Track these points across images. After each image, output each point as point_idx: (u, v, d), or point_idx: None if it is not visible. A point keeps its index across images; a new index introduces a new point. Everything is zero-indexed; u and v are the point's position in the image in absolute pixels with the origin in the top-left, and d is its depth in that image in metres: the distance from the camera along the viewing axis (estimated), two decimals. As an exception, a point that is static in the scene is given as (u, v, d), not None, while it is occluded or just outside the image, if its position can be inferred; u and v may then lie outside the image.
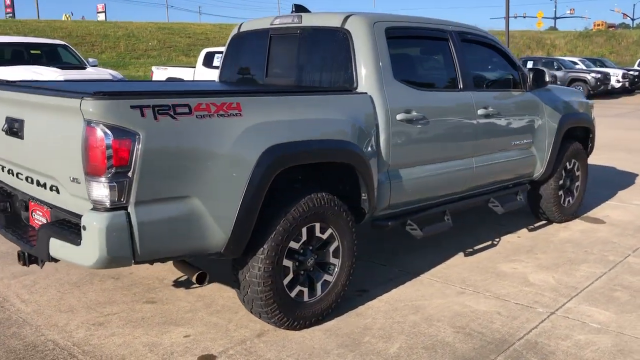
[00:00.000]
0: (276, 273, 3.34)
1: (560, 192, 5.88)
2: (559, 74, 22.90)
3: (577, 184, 6.12)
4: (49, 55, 11.77)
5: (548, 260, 4.85)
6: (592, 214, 6.36)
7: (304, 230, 3.47)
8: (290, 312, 3.46)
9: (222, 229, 3.10)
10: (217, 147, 3.04)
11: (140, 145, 2.76)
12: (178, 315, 3.76)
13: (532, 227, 5.84)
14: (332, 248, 3.68)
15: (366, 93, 3.86)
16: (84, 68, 11.68)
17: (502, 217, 5.91)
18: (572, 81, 23.27)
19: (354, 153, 3.64)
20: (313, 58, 4.26)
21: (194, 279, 3.41)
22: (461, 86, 4.57)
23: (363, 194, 3.82)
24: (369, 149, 3.81)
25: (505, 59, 5.22)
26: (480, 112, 4.64)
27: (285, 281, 3.43)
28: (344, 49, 3.98)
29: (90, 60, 12.84)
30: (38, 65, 10.87)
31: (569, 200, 6.03)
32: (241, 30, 4.87)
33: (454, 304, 3.97)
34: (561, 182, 5.84)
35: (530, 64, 23.27)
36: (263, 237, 3.28)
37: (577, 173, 6.10)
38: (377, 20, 4.05)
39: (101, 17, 50.42)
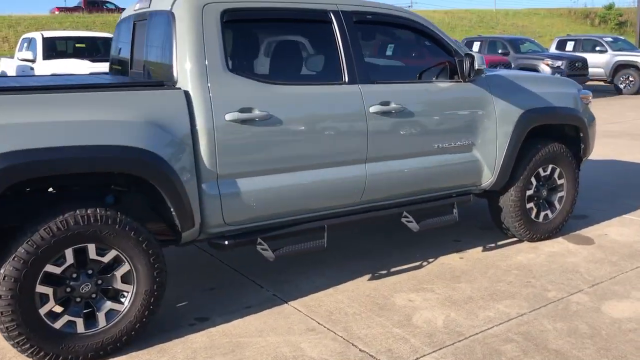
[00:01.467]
0: (26, 300, 2.88)
1: (530, 205, 4.79)
2: (602, 57, 18.38)
3: (559, 194, 4.97)
4: None
5: (466, 292, 3.91)
6: (587, 230, 5.16)
7: (69, 252, 2.97)
8: (51, 344, 2.98)
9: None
10: None
11: None
12: None
13: (491, 245, 4.82)
14: (119, 273, 3.14)
15: (180, 89, 3.25)
16: None
17: (464, 232, 5.02)
18: (619, 68, 18.22)
19: (144, 162, 3.06)
20: (150, 48, 3.72)
21: None
22: (346, 79, 3.77)
23: (172, 210, 3.22)
24: (182, 156, 3.20)
25: (436, 44, 4.28)
26: (373, 109, 3.80)
27: (43, 310, 2.96)
28: (168, 36, 3.40)
29: None
30: None
31: (545, 215, 4.91)
32: (122, 16, 4.43)
33: (285, 345, 3.26)
34: (530, 192, 4.75)
35: (570, 45, 19.63)
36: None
37: (560, 181, 4.94)
38: (209, 2, 3.40)
39: None
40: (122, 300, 3.18)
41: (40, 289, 2.93)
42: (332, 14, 3.78)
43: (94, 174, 3.06)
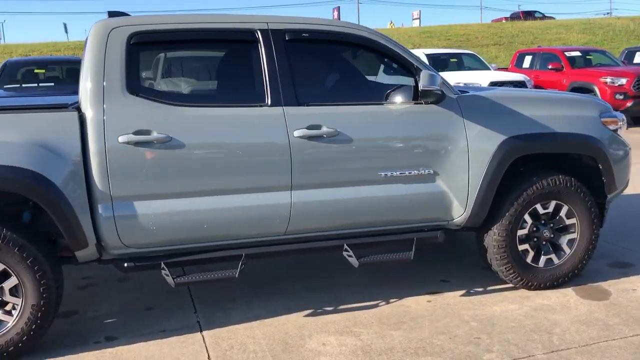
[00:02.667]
0: None
1: (524, 247, 4.09)
2: None
3: (569, 236, 4.17)
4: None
5: (393, 342, 3.44)
6: (613, 282, 4.27)
7: (-39, 264, 3.18)
8: (-63, 349, 3.21)
9: None
10: None
11: None
12: None
13: (477, 290, 4.20)
14: (7, 285, 3.28)
15: (73, 111, 3.32)
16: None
17: (459, 272, 4.51)
18: None
19: (26, 182, 3.17)
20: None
21: None
22: (269, 101, 3.56)
23: (60, 229, 3.30)
24: (71, 177, 3.26)
25: (396, 62, 3.86)
26: (298, 133, 3.54)
27: None
28: (83, 61, 3.50)
29: (493, 65, 14.81)
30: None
31: (549, 260, 4.15)
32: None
33: (154, 377, 3.15)
34: (523, 231, 4.06)
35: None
36: None
37: (569, 221, 4.15)
38: (119, 25, 3.43)
39: (416, 23, 50.74)
40: (13, 312, 3.32)
41: None
42: (259, 33, 3.60)
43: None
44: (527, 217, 4.05)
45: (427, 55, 13.52)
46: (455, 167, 3.85)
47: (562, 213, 4.13)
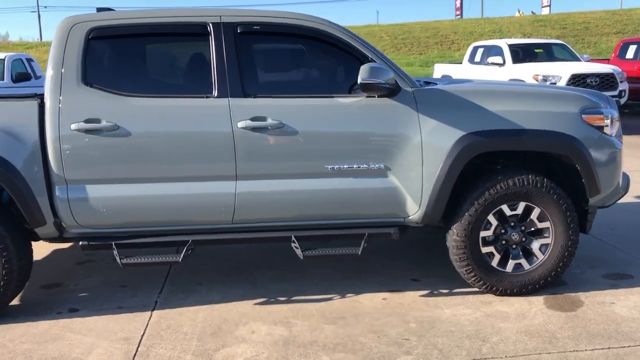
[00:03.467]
0: None
1: (489, 249, 3.88)
2: None
3: (542, 241, 3.89)
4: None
5: (320, 336, 3.43)
6: (593, 294, 3.93)
7: None
8: None
9: None
10: None
11: None
12: None
13: (442, 292, 4.05)
14: (-24, 256, 3.68)
15: (33, 100, 3.64)
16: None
17: (434, 272, 4.38)
18: None
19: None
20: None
21: None
22: (215, 92, 3.66)
23: (19, 208, 3.64)
24: (30, 161, 3.58)
25: (352, 55, 3.79)
26: (241, 124, 3.62)
27: None
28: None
29: (585, 56, 14.09)
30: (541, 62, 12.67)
31: (517, 265, 3.90)
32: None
33: (86, 346, 3.39)
34: (487, 233, 3.85)
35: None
36: None
37: (541, 225, 3.86)
38: (81, 21, 3.70)
39: (545, 11, 48.09)
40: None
41: None
42: (210, 26, 3.71)
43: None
44: (491, 218, 3.83)
45: (510, 46, 12.88)
46: (408, 163, 3.73)
47: (534, 216, 3.86)
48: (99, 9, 4.02)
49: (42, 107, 3.63)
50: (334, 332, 3.50)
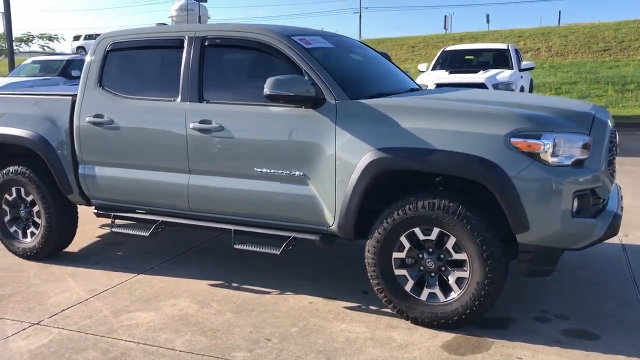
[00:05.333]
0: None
1: (402, 272, 3.68)
2: None
3: (460, 274, 3.52)
4: None
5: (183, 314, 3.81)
6: (510, 345, 3.41)
7: None
8: None
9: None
10: None
11: None
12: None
13: (371, 307, 3.96)
14: (35, 210, 5.00)
15: (69, 97, 4.75)
16: None
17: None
18: None
19: (35, 142, 4.78)
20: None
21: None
22: (179, 97, 4.27)
23: (55, 177, 4.82)
24: (63, 142, 4.73)
25: (294, 68, 3.97)
26: (192, 125, 4.17)
27: None
28: None
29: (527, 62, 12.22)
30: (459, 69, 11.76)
31: (432, 294, 3.63)
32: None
33: None
34: (400, 255, 3.66)
35: None
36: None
37: (457, 256, 3.50)
38: (107, 37, 4.70)
39: None
40: (35, 232, 5.03)
41: None
42: (186, 40, 4.33)
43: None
44: (404, 239, 3.64)
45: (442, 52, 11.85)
46: (324, 174, 3.79)
47: (449, 245, 3.53)
48: (158, 25, 4.98)
49: (73, 102, 4.73)
50: (227, 319, 3.83)
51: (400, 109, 3.68)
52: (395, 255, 3.69)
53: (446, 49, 12.77)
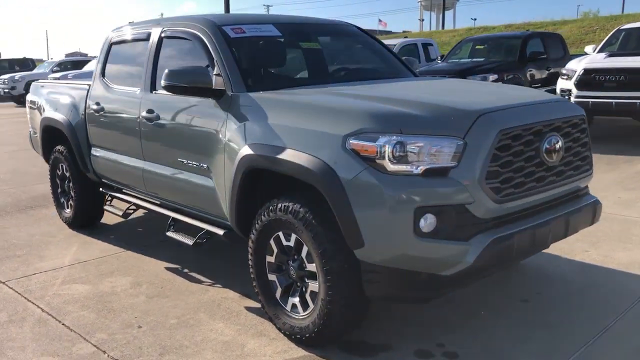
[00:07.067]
0: None
1: (273, 277, 3.44)
2: None
3: (313, 287, 3.16)
4: None
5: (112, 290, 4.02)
6: (351, 376, 2.96)
7: None
8: None
9: None
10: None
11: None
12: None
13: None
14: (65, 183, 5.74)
15: (87, 86, 5.33)
16: None
17: None
18: None
19: (64, 126, 5.46)
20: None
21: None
22: (142, 87, 4.51)
23: (76, 157, 5.46)
24: (82, 126, 5.36)
25: (208, 58, 3.91)
26: (142, 114, 4.39)
27: None
28: None
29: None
30: None
31: (294, 306, 3.33)
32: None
33: None
34: (271, 259, 3.42)
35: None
36: None
37: (310, 267, 3.14)
38: (113, 30, 5.17)
39: None
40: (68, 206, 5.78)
41: None
42: (153, 34, 4.55)
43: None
44: (272, 243, 3.39)
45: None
46: (217, 167, 3.70)
47: (303, 253, 3.19)
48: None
49: (89, 91, 5.30)
50: (136, 302, 4.00)
51: (274, 103, 3.42)
52: (268, 258, 3.46)
53: (621, 27, 10.87)
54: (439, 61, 12.50)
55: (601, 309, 3.68)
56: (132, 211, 5.02)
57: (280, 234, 3.32)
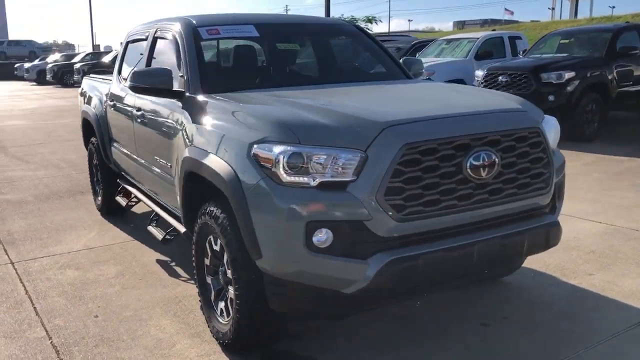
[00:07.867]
0: None
1: (209, 280, 3.45)
2: None
3: (231, 293, 3.13)
4: None
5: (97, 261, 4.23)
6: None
7: None
8: None
9: None
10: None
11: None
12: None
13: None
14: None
15: (108, 82, 5.62)
16: None
17: None
18: None
19: (93, 119, 5.81)
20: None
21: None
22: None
23: (101, 150, 5.79)
24: (103, 118, 5.67)
25: (177, 58, 3.98)
26: (135, 112, 4.58)
27: None
28: None
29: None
30: None
31: (222, 311, 3.32)
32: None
33: None
34: (207, 261, 3.43)
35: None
36: None
37: (230, 273, 3.10)
38: (130, 31, 5.40)
39: None
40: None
41: None
42: (150, 34, 4.71)
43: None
44: (207, 246, 3.40)
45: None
46: (175, 167, 3.77)
47: (225, 258, 3.17)
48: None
49: (110, 87, 5.59)
50: (112, 291, 4.17)
51: (216, 107, 3.42)
52: (205, 261, 3.47)
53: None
54: (521, 55, 11.74)
55: (564, 342, 3.31)
56: (134, 203, 5.25)
57: (211, 237, 3.32)
